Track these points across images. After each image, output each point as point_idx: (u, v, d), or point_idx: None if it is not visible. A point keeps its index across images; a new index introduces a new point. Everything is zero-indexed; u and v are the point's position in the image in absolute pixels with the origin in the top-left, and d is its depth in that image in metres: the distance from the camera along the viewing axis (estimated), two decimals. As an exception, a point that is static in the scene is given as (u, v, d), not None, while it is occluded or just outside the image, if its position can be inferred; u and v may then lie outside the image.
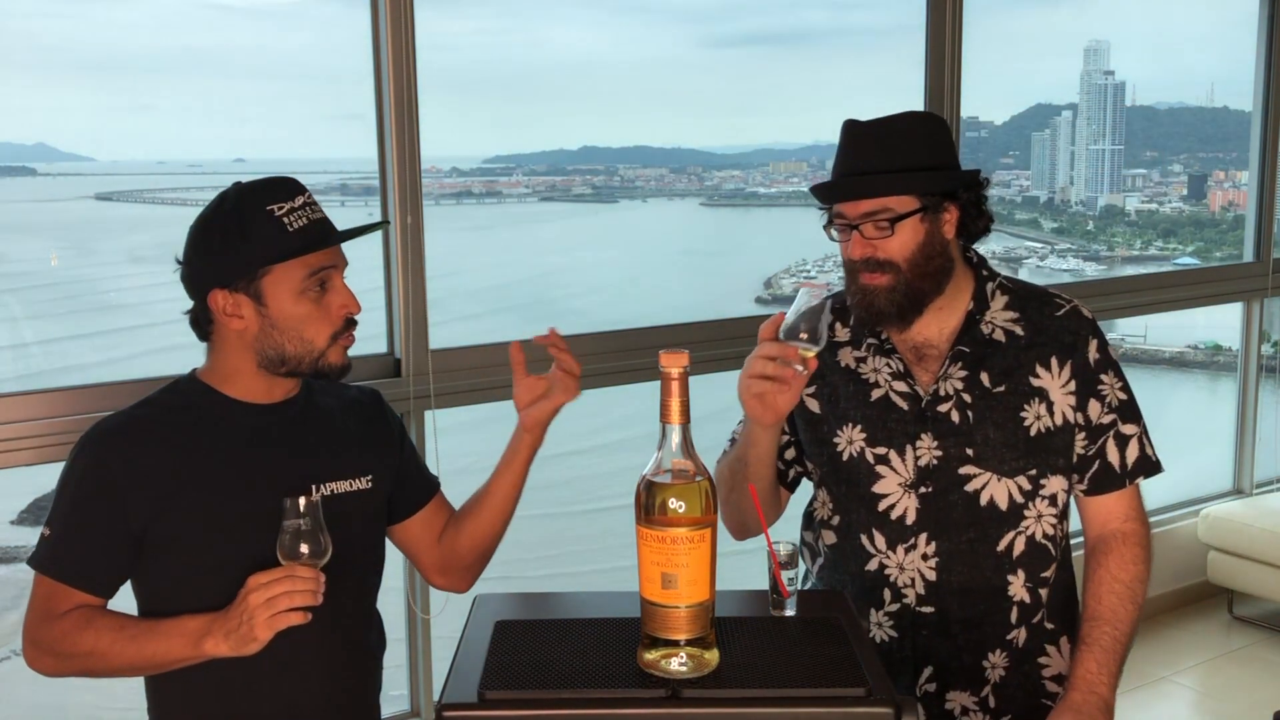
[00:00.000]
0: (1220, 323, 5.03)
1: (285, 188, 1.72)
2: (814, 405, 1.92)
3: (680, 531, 1.30)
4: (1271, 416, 4.79)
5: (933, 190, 1.78)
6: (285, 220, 1.69)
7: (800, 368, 1.66)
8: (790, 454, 1.97)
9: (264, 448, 1.75)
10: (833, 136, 1.86)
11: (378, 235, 2.74)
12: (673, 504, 1.31)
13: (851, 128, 1.84)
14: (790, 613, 1.60)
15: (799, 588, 1.63)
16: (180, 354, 1.82)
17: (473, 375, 2.83)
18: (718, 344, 3.18)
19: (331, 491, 1.78)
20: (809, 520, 2.03)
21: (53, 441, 2.35)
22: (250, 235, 1.68)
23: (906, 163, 1.77)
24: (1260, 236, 4.50)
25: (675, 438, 1.32)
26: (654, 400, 1.34)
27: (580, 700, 1.32)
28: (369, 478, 1.84)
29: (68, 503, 1.70)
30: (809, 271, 7.53)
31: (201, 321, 1.75)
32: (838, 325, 1.93)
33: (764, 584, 1.64)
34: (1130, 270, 6.61)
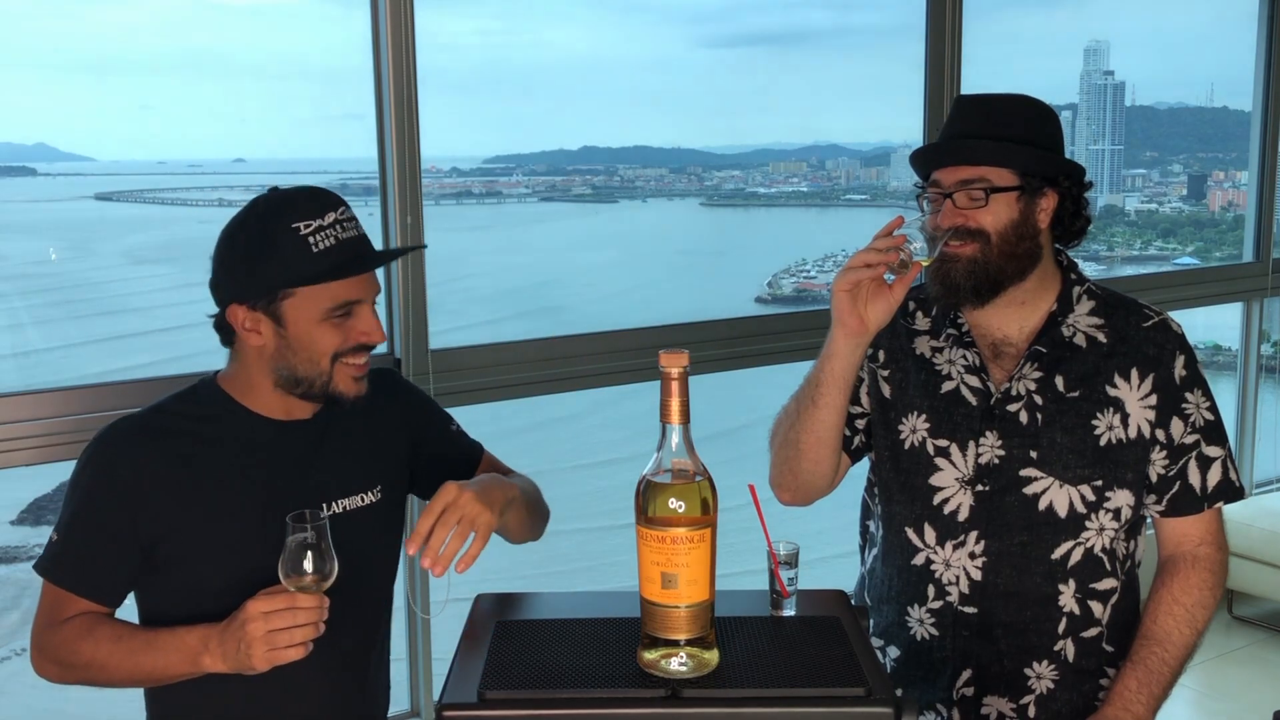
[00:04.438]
0: (1220, 323, 5.03)
1: (318, 201, 1.61)
2: (886, 389, 1.88)
3: (680, 531, 1.30)
4: (1271, 416, 4.79)
5: (1033, 170, 1.75)
6: (311, 240, 1.58)
7: (904, 264, 1.63)
8: (861, 423, 1.91)
9: (278, 468, 1.68)
10: (833, 136, 1.87)
11: (376, 236, 2.74)
12: (673, 504, 1.30)
13: (961, 99, 1.85)
14: (790, 613, 1.60)
15: (799, 588, 1.63)
16: (189, 362, 1.78)
17: (472, 375, 2.83)
18: (718, 344, 3.18)
19: (343, 509, 1.72)
20: (866, 509, 2.01)
21: (53, 441, 2.35)
22: (272, 254, 1.59)
23: (1011, 137, 1.75)
24: (1260, 236, 4.49)
25: (675, 438, 1.32)
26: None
27: (580, 700, 1.32)
28: (378, 488, 1.78)
29: (75, 507, 1.64)
30: (809, 271, 7.54)
31: (225, 329, 1.68)
32: (918, 314, 1.91)
33: (764, 584, 1.63)
34: (1130, 270, 6.62)
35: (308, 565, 1.47)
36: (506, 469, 1.90)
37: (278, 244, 1.58)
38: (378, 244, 2.71)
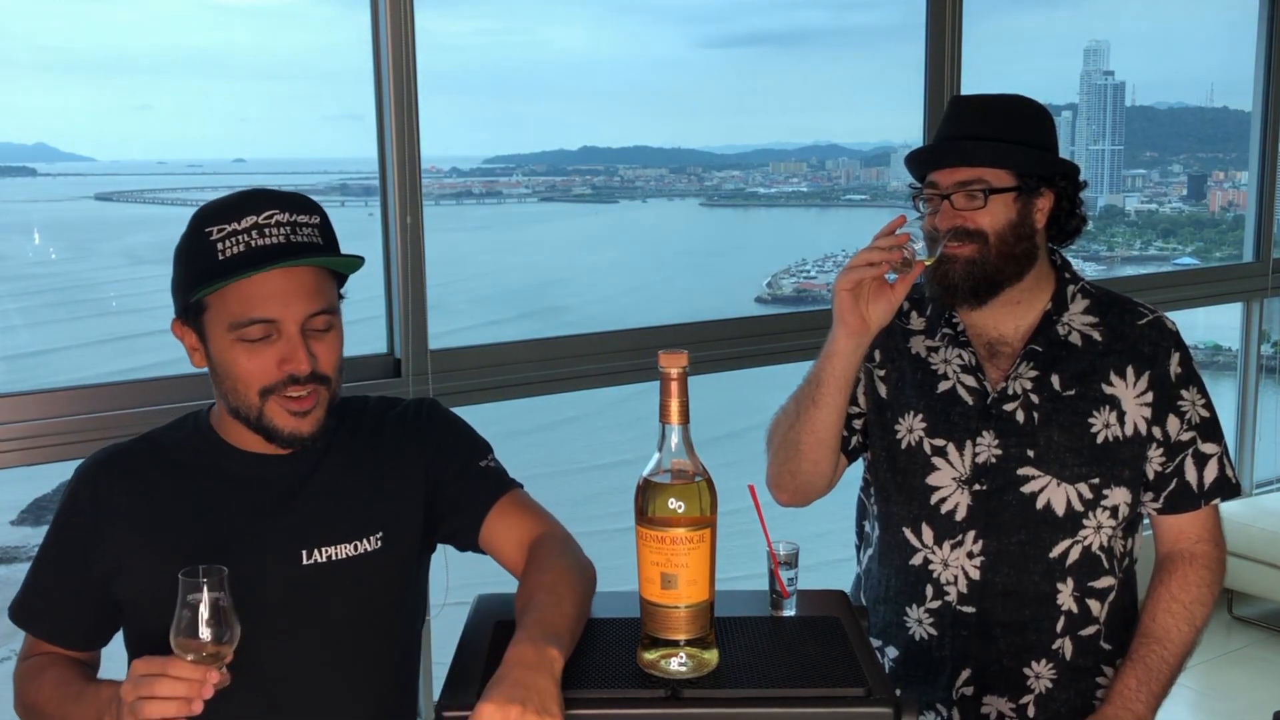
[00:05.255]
0: (1220, 323, 5.03)
1: (241, 206, 1.45)
2: (883, 389, 1.88)
3: (680, 532, 1.30)
4: (1271, 416, 4.79)
5: (1030, 171, 1.76)
6: (220, 246, 1.44)
7: (907, 263, 1.64)
8: (858, 423, 1.91)
9: (248, 508, 1.53)
10: (832, 136, 1.86)
11: (376, 236, 2.74)
12: (672, 504, 1.31)
13: (956, 100, 1.86)
14: (790, 613, 1.60)
15: (799, 588, 1.63)
16: (189, 364, 1.71)
17: (472, 375, 2.83)
18: (718, 344, 3.18)
19: (326, 558, 1.54)
20: (862, 509, 2.01)
21: (50, 442, 2.35)
22: (186, 262, 1.48)
23: (1008, 137, 1.76)
24: (1260, 236, 4.49)
25: (674, 438, 1.32)
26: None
27: (580, 700, 1.32)
28: (378, 535, 1.57)
29: (45, 541, 1.56)
30: (809, 271, 7.53)
31: None
32: (913, 314, 1.91)
33: (764, 584, 1.63)
34: (1130, 270, 6.62)
35: (202, 632, 1.27)
36: (536, 509, 1.67)
37: (192, 252, 1.47)
38: (376, 245, 2.73)
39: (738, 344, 3.24)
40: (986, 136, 1.76)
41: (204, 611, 1.27)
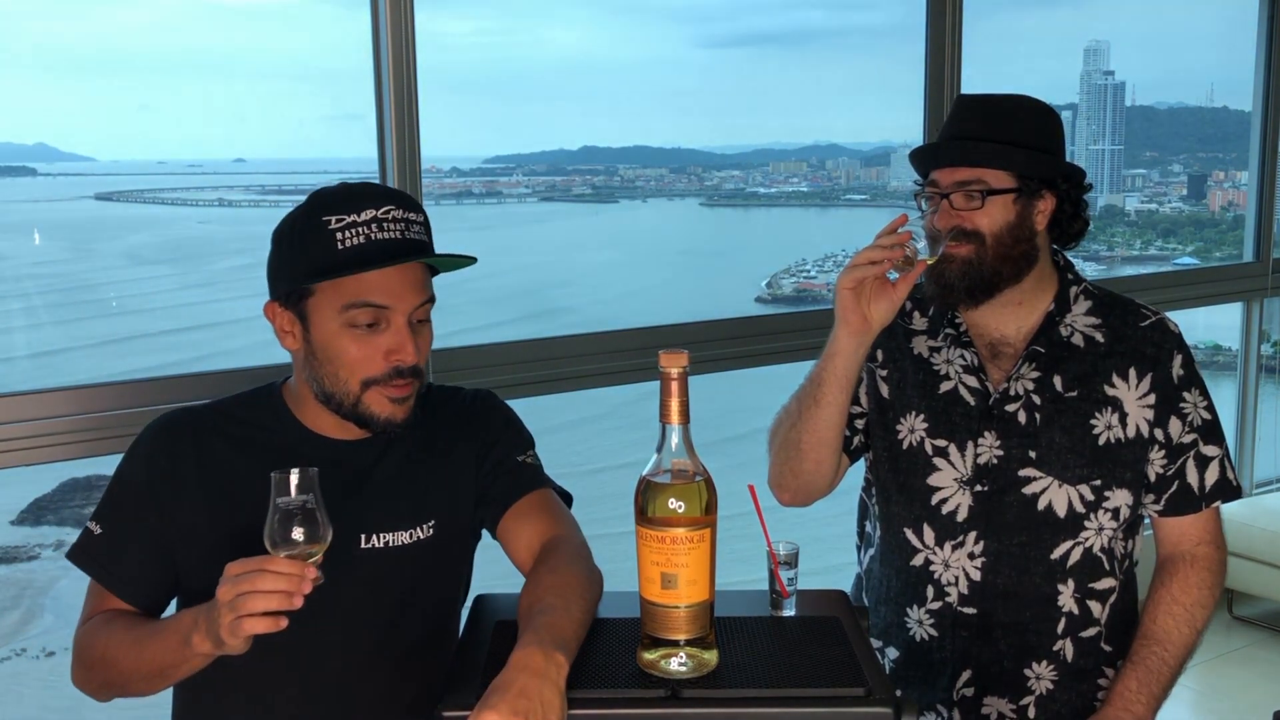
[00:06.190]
0: (1220, 323, 5.03)
1: (360, 197, 1.52)
2: (884, 389, 1.88)
3: (680, 531, 1.30)
4: (1271, 416, 4.79)
5: (1031, 173, 1.75)
6: (339, 235, 1.49)
7: (909, 262, 1.64)
8: (860, 423, 1.91)
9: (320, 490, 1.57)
10: (832, 136, 1.86)
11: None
12: (672, 504, 1.31)
13: (962, 99, 1.85)
14: (790, 613, 1.60)
15: (798, 588, 1.63)
16: (190, 366, 1.71)
17: (472, 375, 2.83)
18: (718, 344, 3.18)
19: (384, 543, 1.59)
20: (863, 509, 2.01)
21: (50, 442, 2.34)
22: (299, 247, 1.52)
23: (1010, 139, 1.75)
24: (1260, 236, 4.49)
25: (675, 438, 1.32)
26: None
27: (580, 700, 1.32)
28: (430, 524, 1.63)
29: (110, 495, 1.58)
30: (809, 271, 7.53)
31: None
32: (915, 314, 1.91)
33: (764, 584, 1.63)
34: (1130, 270, 6.62)
35: (295, 532, 1.30)
36: (559, 513, 1.69)
37: (307, 238, 1.51)
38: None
39: (738, 344, 3.24)
40: (988, 137, 1.76)
41: (295, 512, 1.30)
